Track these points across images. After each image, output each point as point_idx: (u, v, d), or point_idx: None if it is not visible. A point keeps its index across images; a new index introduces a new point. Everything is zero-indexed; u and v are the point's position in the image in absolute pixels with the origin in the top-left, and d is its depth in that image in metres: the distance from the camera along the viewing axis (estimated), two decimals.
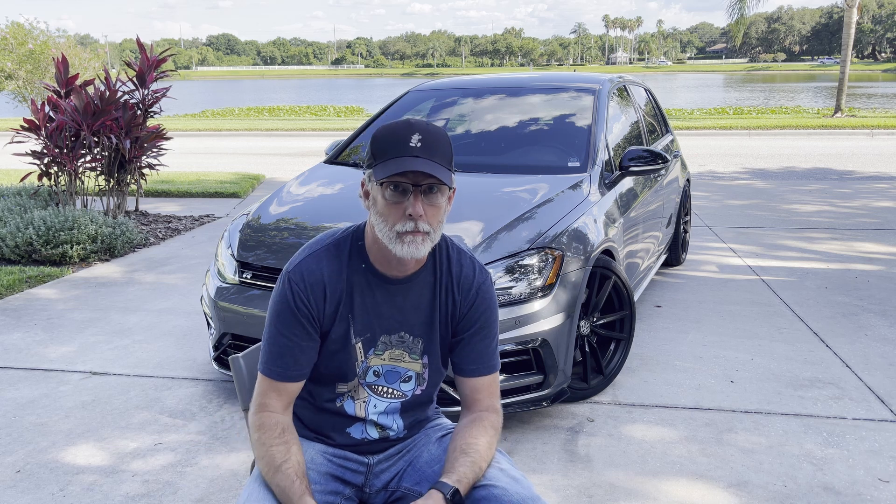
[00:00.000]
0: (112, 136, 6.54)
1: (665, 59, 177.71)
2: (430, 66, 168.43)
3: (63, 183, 6.71)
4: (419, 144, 1.46)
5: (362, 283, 1.59)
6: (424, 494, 1.45)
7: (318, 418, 1.69)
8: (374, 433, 1.67)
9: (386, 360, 1.63)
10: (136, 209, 7.54)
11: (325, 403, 1.66)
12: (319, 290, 1.56)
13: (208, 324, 3.42)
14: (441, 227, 1.54)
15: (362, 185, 1.58)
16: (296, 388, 1.60)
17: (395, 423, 1.68)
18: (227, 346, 3.23)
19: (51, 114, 6.53)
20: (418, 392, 1.67)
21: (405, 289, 1.61)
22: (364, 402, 1.64)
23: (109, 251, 5.91)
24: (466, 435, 1.58)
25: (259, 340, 1.67)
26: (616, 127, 4.34)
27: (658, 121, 5.53)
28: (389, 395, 1.65)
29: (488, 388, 1.66)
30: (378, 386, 1.64)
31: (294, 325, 1.56)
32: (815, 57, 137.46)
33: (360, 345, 1.60)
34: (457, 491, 1.45)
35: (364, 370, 1.62)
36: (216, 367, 3.33)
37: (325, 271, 1.57)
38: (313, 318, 1.56)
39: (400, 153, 1.46)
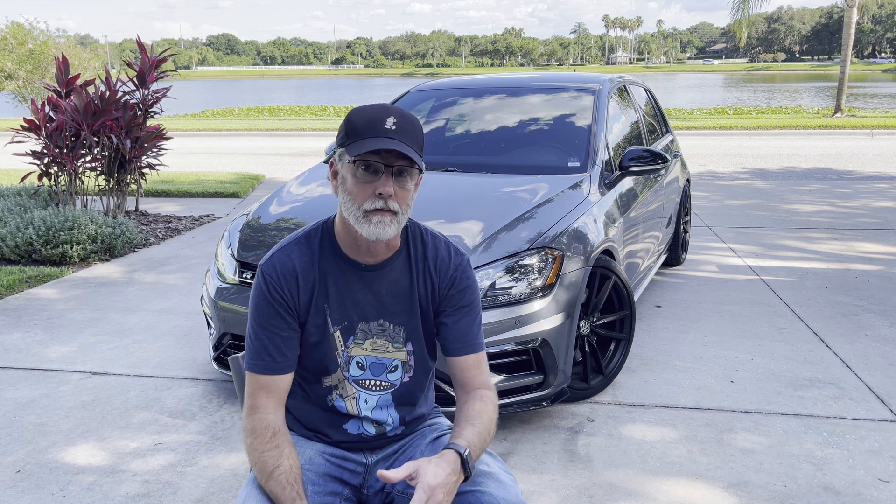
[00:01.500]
0: (112, 136, 6.54)
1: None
2: (430, 66, 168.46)
3: (63, 183, 6.71)
4: (394, 127, 1.48)
5: (335, 270, 1.61)
6: (438, 453, 1.46)
7: (314, 417, 1.69)
8: (370, 429, 1.68)
9: (368, 351, 1.63)
10: (136, 209, 7.54)
11: (317, 401, 1.66)
12: (292, 279, 1.58)
13: (208, 324, 3.42)
14: (409, 210, 1.56)
15: (331, 164, 1.60)
16: (284, 383, 1.60)
17: (391, 417, 1.68)
18: (227, 346, 3.23)
19: (51, 114, 6.53)
20: (406, 379, 1.67)
21: (380, 275, 1.62)
22: (354, 398, 1.65)
23: (109, 251, 5.91)
24: (470, 408, 1.60)
25: None
26: (616, 127, 4.34)
27: (658, 121, 5.53)
28: (378, 388, 1.65)
29: (477, 365, 1.68)
30: (365, 380, 1.64)
31: (272, 316, 1.57)
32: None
33: (338, 333, 1.61)
34: (469, 454, 1.47)
35: (346, 361, 1.63)
36: (216, 367, 3.33)
37: (297, 262, 1.60)
38: (289, 307, 1.58)
39: (375, 133, 1.48)
